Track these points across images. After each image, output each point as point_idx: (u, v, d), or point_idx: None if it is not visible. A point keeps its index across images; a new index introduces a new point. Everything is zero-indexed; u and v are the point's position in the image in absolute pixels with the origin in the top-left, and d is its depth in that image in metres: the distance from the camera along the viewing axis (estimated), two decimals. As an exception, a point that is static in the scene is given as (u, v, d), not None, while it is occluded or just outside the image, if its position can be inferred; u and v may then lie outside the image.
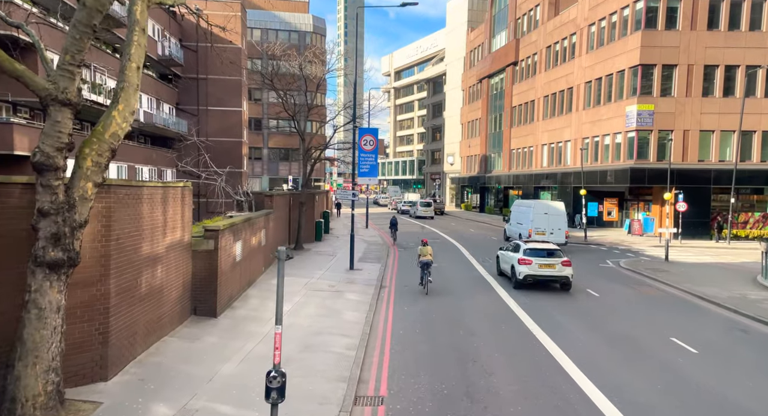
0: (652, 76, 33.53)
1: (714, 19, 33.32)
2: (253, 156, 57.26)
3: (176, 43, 38.99)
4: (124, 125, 7.08)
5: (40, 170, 6.49)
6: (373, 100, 45.91)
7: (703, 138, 33.83)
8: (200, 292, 11.98)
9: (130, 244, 8.67)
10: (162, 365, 8.94)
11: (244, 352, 9.85)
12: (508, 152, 52.75)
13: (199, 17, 11.03)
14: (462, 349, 10.86)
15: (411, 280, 18.27)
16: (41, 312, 6.54)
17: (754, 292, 17.23)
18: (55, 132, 6.49)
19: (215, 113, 42.49)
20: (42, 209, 6.50)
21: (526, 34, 49.59)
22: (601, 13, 37.37)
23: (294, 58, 28.25)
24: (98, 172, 6.87)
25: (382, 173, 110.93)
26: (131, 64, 7.10)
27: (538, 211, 26.84)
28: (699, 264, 23.58)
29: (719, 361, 10.64)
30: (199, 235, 12.21)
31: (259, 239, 16.91)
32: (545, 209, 27.12)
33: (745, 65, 33.06)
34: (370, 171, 21.35)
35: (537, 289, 16.94)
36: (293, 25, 59.33)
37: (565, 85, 42.16)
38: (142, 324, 9.27)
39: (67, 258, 6.66)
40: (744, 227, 34.00)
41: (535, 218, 26.53)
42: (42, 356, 6.52)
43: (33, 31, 8.17)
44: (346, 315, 13.09)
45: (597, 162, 37.65)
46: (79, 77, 6.67)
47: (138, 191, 8.90)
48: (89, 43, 6.56)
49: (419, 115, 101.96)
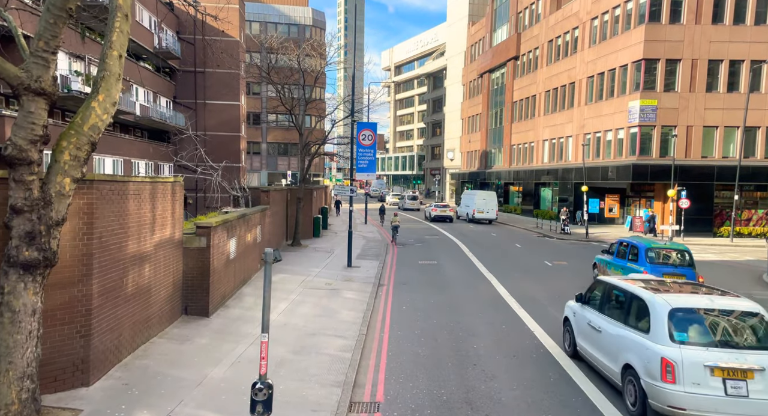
0: (655, 71, 33.06)
1: (719, 12, 32.81)
2: (251, 151, 56.81)
3: (173, 36, 38.47)
4: (105, 117, 6.65)
5: (12, 164, 6.08)
6: (373, 94, 45.47)
7: (706, 134, 33.40)
8: (192, 291, 11.59)
9: (114, 242, 8.26)
10: (149, 368, 8.56)
11: (235, 355, 9.47)
12: (508, 148, 52.30)
13: (190, 5, 10.58)
14: (462, 350, 10.49)
15: (410, 278, 17.90)
16: (15, 315, 6.14)
17: (760, 291, 16.86)
18: (28, 124, 6.07)
19: (213, 106, 42.01)
20: (15, 205, 6.09)
21: (527, 28, 49.04)
22: (604, 7, 36.85)
23: (292, 51, 27.75)
24: (77, 166, 6.45)
25: (382, 169, 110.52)
26: (112, 52, 6.67)
27: (479, 197, 40.09)
28: (702, 262, 23.16)
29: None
30: (191, 232, 11.81)
31: (254, 236, 16.51)
32: (484, 196, 40.43)
33: (750, 60, 32.60)
34: (369, 166, 20.94)
35: (537, 283, 16.58)
36: (293, 18, 58.74)
37: (566, 80, 41.66)
38: (128, 326, 8.88)
39: (42, 258, 6.25)
40: (747, 225, 33.63)
41: (477, 202, 39.55)
42: (16, 362, 6.13)
43: (11, 17, 7.74)
44: (343, 315, 12.72)
45: (599, 158, 37.22)
46: (55, 65, 6.25)
47: (123, 187, 8.48)
48: (64, 27, 6.13)
49: (419, 110, 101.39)
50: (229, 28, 40.77)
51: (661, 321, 7.28)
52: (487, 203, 39.38)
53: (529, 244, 28.16)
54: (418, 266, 20.43)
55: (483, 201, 39.47)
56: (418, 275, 18.52)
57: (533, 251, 25.04)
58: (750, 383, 6.63)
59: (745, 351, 6.92)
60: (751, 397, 6.57)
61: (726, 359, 6.77)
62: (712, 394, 6.62)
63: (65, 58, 25.19)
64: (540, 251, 25.20)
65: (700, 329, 7.26)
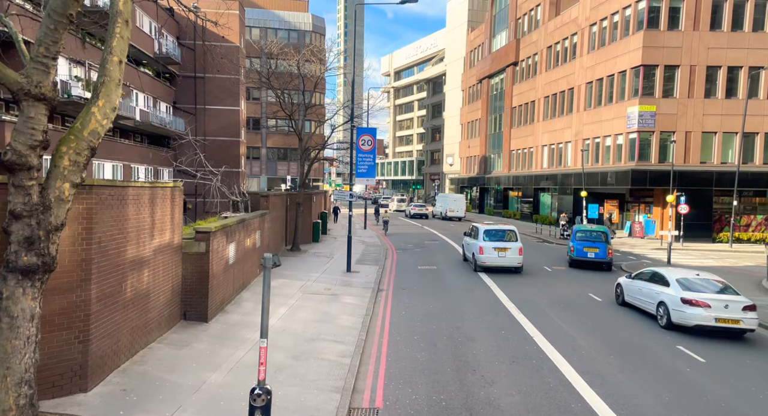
0: (653, 77, 33.18)
1: (717, 19, 32.96)
2: (251, 156, 56.89)
3: (173, 41, 38.58)
4: (105, 122, 6.66)
5: (12, 170, 6.08)
6: (372, 99, 45.59)
7: (705, 140, 33.48)
8: (190, 296, 11.56)
9: (113, 247, 8.26)
10: (147, 374, 8.53)
11: (234, 360, 9.45)
12: (507, 153, 52.38)
13: (190, 12, 10.62)
14: (461, 356, 10.46)
15: (410, 283, 17.88)
16: (13, 320, 6.12)
17: (760, 297, 16.83)
18: (28, 129, 6.08)
19: (213, 111, 42.08)
20: (14, 211, 6.08)
21: (526, 34, 49.23)
22: (602, 13, 37.01)
23: (292, 56, 27.83)
24: (76, 171, 6.45)
25: (382, 174, 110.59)
26: (113, 57, 6.69)
27: (451, 199, 48.67)
28: (703, 268, 23.14)
29: (728, 371, 10.24)
30: (190, 237, 11.80)
31: (253, 241, 16.50)
32: (454, 198, 48.87)
33: (748, 66, 32.73)
34: (368, 171, 20.96)
35: (535, 289, 16.55)
36: (293, 24, 58.96)
37: (565, 85, 41.79)
38: (126, 331, 8.86)
39: (41, 263, 6.24)
40: (746, 230, 33.65)
41: (449, 203, 48.04)
42: (14, 368, 6.11)
43: (12, 23, 7.77)
44: (342, 320, 12.69)
45: (598, 163, 37.28)
46: (55, 71, 6.26)
47: (123, 192, 8.49)
48: (65, 33, 6.14)
49: (419, 115, 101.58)
50: (230, 33, 40.94)
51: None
52: (458, 203, 48.16)
53: (528, 249, 28.11)
54: (418, 271, 20.42)
55: (454, 202, 48.25)
56: (418, 279, 18.49)
57: (533, 256, 25.01)
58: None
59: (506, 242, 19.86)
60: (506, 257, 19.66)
61: (498, 246, 19.75)
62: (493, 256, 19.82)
63: (65, 63, 25.25)
64: (539, 256, 25.19)
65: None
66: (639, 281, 14.74)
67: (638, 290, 14.56)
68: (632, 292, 14.90)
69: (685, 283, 12.93)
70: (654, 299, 13.59)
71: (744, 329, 12.09)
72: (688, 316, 12.25)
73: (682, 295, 12.52)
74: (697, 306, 12.16)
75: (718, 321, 11.95)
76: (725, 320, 11.94)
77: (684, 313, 12.32)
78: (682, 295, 12.52)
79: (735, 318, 11.93)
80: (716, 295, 12.35)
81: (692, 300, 12.26)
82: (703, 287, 12.73)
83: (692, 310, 12.21)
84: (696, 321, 12.13)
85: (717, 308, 12.01)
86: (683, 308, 12.35)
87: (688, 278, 13.16)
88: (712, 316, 11.98)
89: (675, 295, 12.73)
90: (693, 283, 12.93)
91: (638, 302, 14.54)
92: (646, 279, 14.49)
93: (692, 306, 12.22)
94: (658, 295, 13.39)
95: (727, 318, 11.94)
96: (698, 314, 12.11)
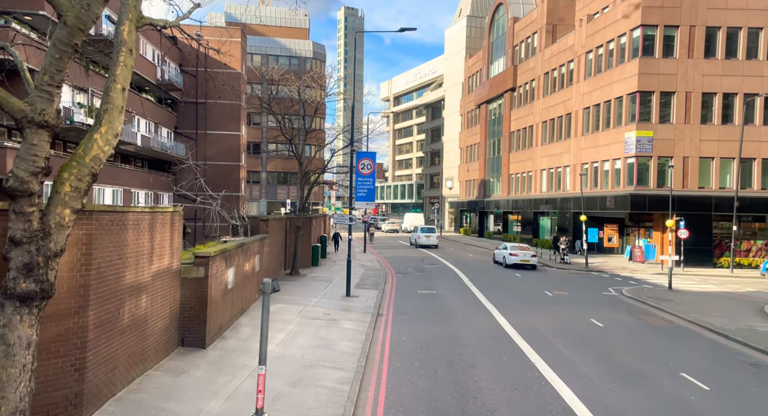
0: (650, 103, 33.57)
1: (711, 47, 33.52)
2: (251, 180, 57.06)
3: (176, 68, 39.12)
4: (107, 149, 6.71)
5: (13, 196, 6.09)
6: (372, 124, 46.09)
7: (702, 165, 33.68)
8: (188, 322, 11.47)
9: (112, 273, 8.23)
10: (143, 402, 8.40)
11: (231, 387, 9.32)
12: (506, 177, 52.61)
13: (192, 40, 10.80)
14: (462, 383, 10.32)
15: (409, 308, 17.74)
16: (9, 348, 6.05)
17: (762, 324, 16.71)
18: (30, 156, 6.12)
19: (214, 136, 42.42)
20: (14, 237, 6.07)
21: (524, 60, 49.98)
22: (598, 41, 37.66)
23: (293, 82, 28.19)
24: (77, 197, 6.47)
25: (381, 197, 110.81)
26: (116, 85, 6.78)
27: (413, 218, 63.35)
28: (704, 293, 23.08)
29: (733, 399, 10.10)
30: (189, 262, 11.76)
31: (252, 265, 16.45)
32: (416, 217, 63.96)
33: (743, 93, 33.14)
34: (368, 195, 21.01)
35: (537, 313, 16.42)
36: (294, 51, 59.87)
37: (563, 110, 42.25)
38: (123, 358, 8.75)
39: (39, 290, 6.20)
40: (747, 255, 33.56)
41: (414, 221, 61.34)
42: (8, 397, 6.01)
43: (17, 52, 7.90)
44: (341, 346, 12.56)
45: (597, 188, 37.42)
46: (59, 98, 6.34)
47: (122, 217, 8.50)
48: (69, 62, 6.24)
49: (418, 139, 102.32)
50: (231, 60, 41.57)
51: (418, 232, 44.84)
52: (419, 221, 61.15)
53: (528, 273, 28.02)
54: (418, 295, 20.28)
55: (416, 220, 61.95)
56: (419, 304, 18.35)
57: (533, 281, 24.90)
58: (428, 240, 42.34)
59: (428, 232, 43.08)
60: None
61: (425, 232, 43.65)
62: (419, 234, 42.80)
63: (68, 90, 25.55)
64: (540, 281, 25.06)
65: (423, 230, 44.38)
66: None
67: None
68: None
69: (511, 248, 30.29)
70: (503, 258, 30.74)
71: (533, 264, 29.51)
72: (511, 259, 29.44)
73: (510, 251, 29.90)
74: (514, 256, 29.36)
75: (522, 261, 29.18)
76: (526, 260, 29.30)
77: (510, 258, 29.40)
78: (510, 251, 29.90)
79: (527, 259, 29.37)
80: (522, 251, 30.03)
81: (512, 253, 29.54)
82: (519, 250, 30.19)
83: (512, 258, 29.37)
84: (513, 261, 29.25)
85: (522, 256, 29.40)
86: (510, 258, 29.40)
87: (514, 246, 30.91)
88: (519, 259, 29.17)
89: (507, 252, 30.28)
90: (514, 248, 30.23)
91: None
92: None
93: (511, 256, 29.44)
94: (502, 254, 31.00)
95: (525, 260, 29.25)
96: (514, 259, 29.26)
